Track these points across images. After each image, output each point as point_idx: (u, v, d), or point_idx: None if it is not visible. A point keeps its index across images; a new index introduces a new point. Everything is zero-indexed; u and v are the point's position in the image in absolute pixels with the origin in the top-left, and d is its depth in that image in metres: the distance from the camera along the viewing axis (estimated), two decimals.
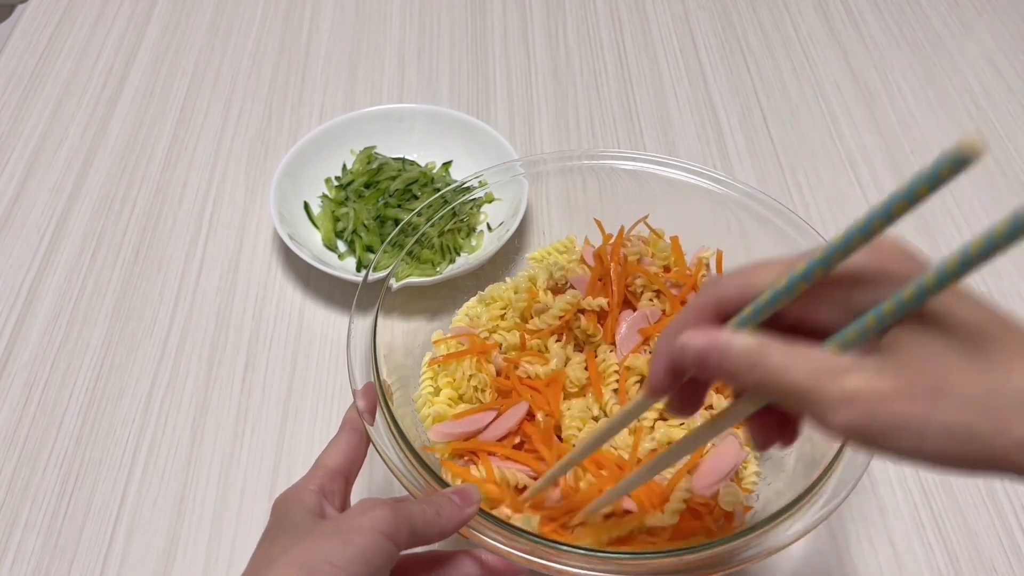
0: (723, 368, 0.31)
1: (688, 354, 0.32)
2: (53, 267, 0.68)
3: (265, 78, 0.84)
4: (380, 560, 0.36)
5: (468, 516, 0.41)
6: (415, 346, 0.56)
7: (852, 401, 0.27)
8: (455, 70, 0.86)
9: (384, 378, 0.48)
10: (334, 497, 0.41)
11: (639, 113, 0.81)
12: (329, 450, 0.43)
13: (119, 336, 0.63)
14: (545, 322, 0.55)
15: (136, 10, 0.91)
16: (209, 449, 0.57)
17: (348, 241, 0.69)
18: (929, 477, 0.57)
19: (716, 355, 0.31)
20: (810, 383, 0.28)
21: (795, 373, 0.28)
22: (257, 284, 0.67)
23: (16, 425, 0.58)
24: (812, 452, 0.47)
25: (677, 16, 0.92)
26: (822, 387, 0.28)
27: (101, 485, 0.56)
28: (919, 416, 0.27)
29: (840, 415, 0.28)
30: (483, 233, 0.68)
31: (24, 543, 0.53)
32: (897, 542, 0.54)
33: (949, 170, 0.25)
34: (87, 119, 0.79)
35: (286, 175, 0.69)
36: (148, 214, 0.72)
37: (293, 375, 0.62)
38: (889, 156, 0.78)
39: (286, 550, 0.36)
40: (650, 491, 0.47)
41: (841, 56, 0.88)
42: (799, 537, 0.41)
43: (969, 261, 0.26)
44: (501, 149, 0.70)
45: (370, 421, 0.45)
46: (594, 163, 0.59)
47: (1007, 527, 0.55)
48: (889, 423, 0.27)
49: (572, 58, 0.87)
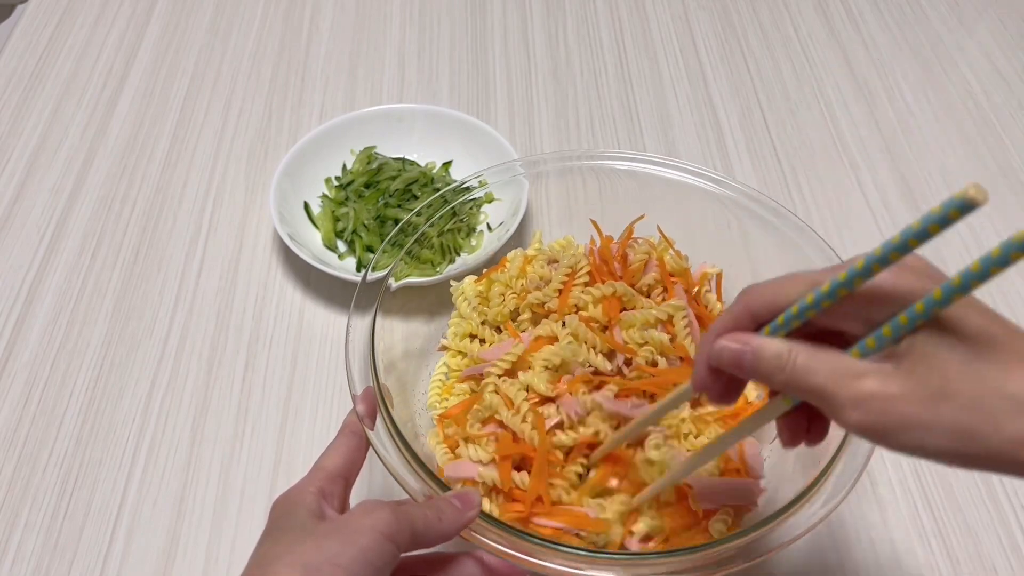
0: (756, 370, 0.34)
1: (725, 356, 0.35)
2: (53, 267, 0.68)
3: (265, 78, 0.84)
4: (381, 561, 0.37)
5: (469, 520, 0.41)
6: (414, 348, 0.56)
7: (865, 402, 0.31)
8: (455, 70, 0.86)
9: (383, 382, 0.47)
10: (333, 499, 0.41)
11: (639, 113, 0.81)
12: (328, 453, 0.43)
13: (119, 336, 0.63)
14: (547, 295, 0.54)
15: (136, 10, 0.91)
16: (209, 449, 0.57)
17: (348, 241, 0.69)
18: (929, 478, 0.57)
19: (750, 358, 0.35)
20: (830, 385, 0.32)
21: (817, 375, 0.32)
22: (257, 284, 0.67)
23: (16, 425, 0.58)
24: (812, 453, 0.47)
25: (677, 16, 0.92)
26: (839, 389, 0.32)
27: (101, 485, 0.56)
28: (923, 417, 0.30)
29: (854, 414, 0.31)
30: (483, 233, 0.68)
31: (24, 543, 0.53)
32: (897, 542, 0.54)
33: (958, 212, 0.29)
34: (87, 119, 0.79)
35: (286, 175, 0.69)
36: (148, 214, 0.72)
37: (293, 375, 0.62)
38: (889, 156, 0.78)
39: (288, 550, 0.36)
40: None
41: (841, 56, 0.88)
42: (798, 538, 0.42)
43: (970, 278, 0.30)
44: (501, 149, 0.70)
45: (370, 425, 0.45)
46: (594, 163, 0.59)
47: (1007, 527, 0.55)
48: (896, 423, 0.31)
49: (572, 58, 0.87)
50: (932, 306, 0.31)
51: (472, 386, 0.54)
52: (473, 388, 0.54)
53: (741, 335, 0.35)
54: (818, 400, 0.33)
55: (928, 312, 0.31)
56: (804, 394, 0.34)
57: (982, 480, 0.57)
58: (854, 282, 0.32)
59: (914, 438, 0.31)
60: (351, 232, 0.68)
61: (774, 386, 0.35)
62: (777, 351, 0.34)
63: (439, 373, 0.57)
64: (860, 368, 0.32)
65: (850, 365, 0.32)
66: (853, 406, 0.31)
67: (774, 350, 0.34)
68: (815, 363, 0.33)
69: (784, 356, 0.33)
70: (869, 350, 0.33)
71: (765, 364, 0.34)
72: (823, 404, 0.33)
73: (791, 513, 0.42)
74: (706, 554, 0.41)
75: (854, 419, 0.31)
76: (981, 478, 0.57)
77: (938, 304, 0.30)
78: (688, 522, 0.47)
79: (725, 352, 0.35)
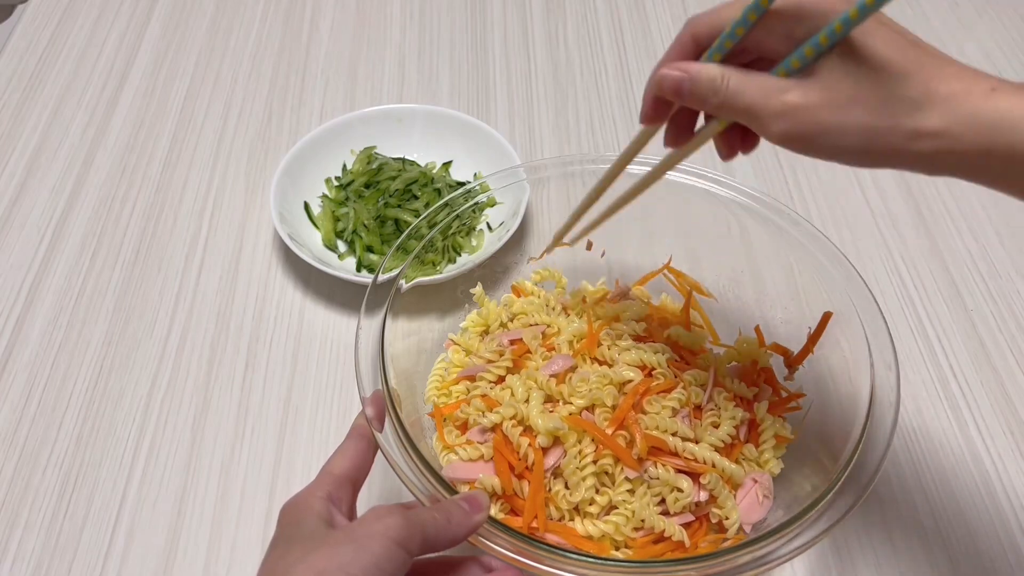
0: (693, 94, 0.38)
1: (665, 84, 0.39)
2: (53, 267, 0.68)
3: (265, 78, 0.84)
4: (393, 567, 0.37)
5: (478, 523, 0.41)
6: (422, 351, 0.56)
7: (788, 113, 0.35)
8: (455, 70, 0.86)
9: (393, 385, 0.47)
10: (342, 504, 0.41)
11: (639, 113, 0.81)
12: (336, 457, 0.43)
13: (119, 336, 0.63)
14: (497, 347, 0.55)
15: (136, 10, 0.91)
16: (209, 449, 0.57)
17: (348, 241, 0.69)
18: (929, 478, 0.57)
19: (687, 84, 0.38)
20: (758, 101, 0.36)
21: (747, 95, 0.36)
22: (257, 284, 0.67)
23: (16, 425, 0.58)
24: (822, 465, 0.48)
25: (677, 16, 0.92)
26: (766, 103, 0.36)
27: (101, 485, 0.56)
28: (838, 120, 0.35)
29: (779, 124, 0.36)
30: (483, 233, 0.68)
31: (24, 543, 0.53)
32: (897, 542, 0.54)
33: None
34: (87, 119, 0.79)
35: (286, 175, 0.69)
36: (148, 214, 0.72)
37: (293, 375, 0.62)
38: None
39: (300, 559, 0.36)
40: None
41: None
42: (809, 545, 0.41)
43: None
44: (501, 149, 0.70)
45: (379, 428, 0.44)
46: (595, 167, 0.59)
47: (1007, 527, 0.55)
48: (816, 129, 0.35)
49: (572, 58, 0.87)
50: (848, 24, 0.34)
51: (468, 386, 0.55)
52: (468, 388, 0.55)
53: (680, 64, 0.38)
54: (747, 118, 0.37)
55: (847, 29, 0.34)
56: (736, 114, 0.37)
57: (982, 480, 0.57)
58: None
59: (830, 141, 0.35)
60: (351, 232, 0.68)
61: (709, 109, 0.38)
62: (711, 75, 0.37)
63: (439, 368, 0.57)
64: (784, 84, 0.36)
65: (775, 82, 0.36)
66: (778, 116, 0.35)
67: (708, 74, 0.37)
68: (744, 84, 0.36)
69: (718, 80, 0.37)
70: (793, 69, 0.36)
71: (701, 88, 0.37)
72: (752, 121, 0.37)
73: (804, 523, 0.42)
74: (718, 561, 0.41)
75: (779, 128, 0.35)
76: (980, 478, 0.57)
77: (853, 23, 0.34)
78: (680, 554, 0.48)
79: (666, 80, 0.39)
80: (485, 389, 0.53)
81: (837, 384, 0.52)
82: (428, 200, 0.69)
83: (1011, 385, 0.62)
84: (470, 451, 0.50)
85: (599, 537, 0.47)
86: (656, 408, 0.50)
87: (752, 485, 0.50)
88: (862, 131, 0.35)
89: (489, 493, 0.48)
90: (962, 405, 0.61)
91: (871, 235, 0.72)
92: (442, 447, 0.52)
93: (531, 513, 0.47)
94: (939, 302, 0.67)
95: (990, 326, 0.65)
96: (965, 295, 0.67)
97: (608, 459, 0.48)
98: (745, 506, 0.49)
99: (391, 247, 0.66)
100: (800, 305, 0.56)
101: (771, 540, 0.42)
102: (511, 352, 0.54)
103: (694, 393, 0.51)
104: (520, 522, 0.47)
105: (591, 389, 0.50)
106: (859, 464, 0.44)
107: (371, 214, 0.68)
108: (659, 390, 0.51)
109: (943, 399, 0.61)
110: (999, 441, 0.59)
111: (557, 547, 0.41)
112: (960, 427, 0.60)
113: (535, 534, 0.47)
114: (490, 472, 0.49)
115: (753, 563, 0.41)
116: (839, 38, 0.34)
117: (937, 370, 0.63)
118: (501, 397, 0.51)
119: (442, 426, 0.52)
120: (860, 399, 0.48)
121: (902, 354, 0.63)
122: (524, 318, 0.58)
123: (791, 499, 0.49)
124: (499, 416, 0.50)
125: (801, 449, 0.52)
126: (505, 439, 0.49)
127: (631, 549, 0.48)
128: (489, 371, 0.54)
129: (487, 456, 0.50)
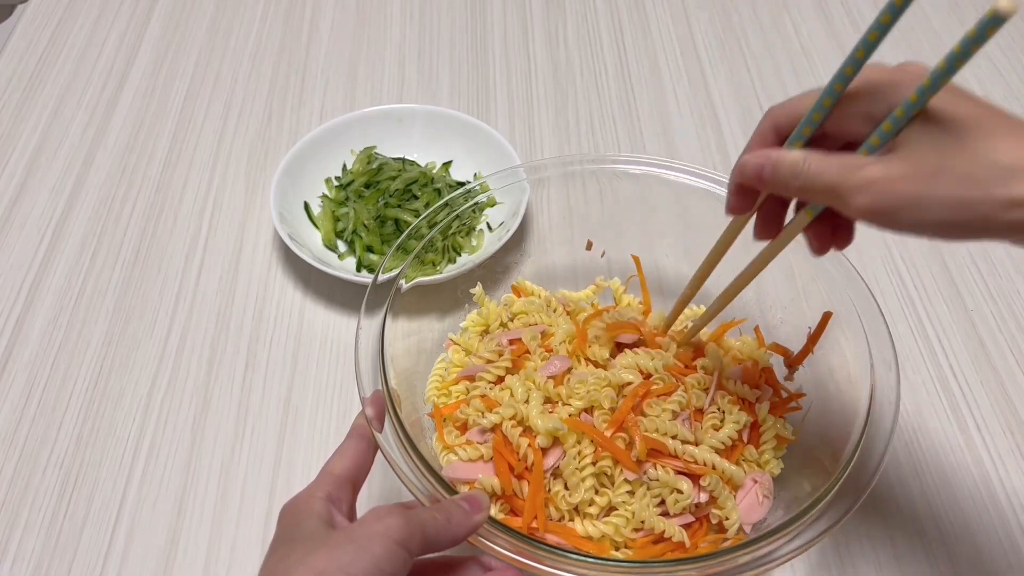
0: (776, 177, 0.38)
1: (748, 170, 0.39)
2: (53, 267, 0.68)
3: (265, 78, 0.84)
4: (394, 568, 0.37)
5: (478, 523, 0.41)
6: (422, 351, 0.56)
7: (869, 187, 0.35)
8: (455, 70, 0.86)
9: (392, 385, 0.47)
10: (342, 504, 0.41)
11: (639, 113, 0.81)
12: (336, 457, 0.43)
13: (119, 336, 0.63)
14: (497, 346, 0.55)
15: (136, 10, 0.91)
16: (209, 449, 0.57)
17: (348, 241, 0.69)
18: (929, 478, 0.57)
19: (769, 168, 0.38)
20: (839, 178, 0.36)
21: (828, 174, 0.36)
22: (257, 284, 0.67)
23: (16, 425, 0.58)
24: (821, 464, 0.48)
25: (677, 16, 0.92)
26: (847, 179, 0.35)
27: (101, 485, 0.56)
28: (923, 193, 0.33)
29: (861, 198, 0.35)
30: (483, 233, 0.68)
31: (24, 543, 0.53)
32: (897, 542, 0.54)
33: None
34: (87, 119, 0.79)
35: (286, 175, 0.69)
36: (148, 214, 0.72)
37: (293, 375, 0.62)
38: None
39: (302, 559, 0.36)
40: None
41: (841, 56, 0.87)
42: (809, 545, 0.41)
43: (954, 59, 0.33)
44: (501, 149, 0.70)
45: (379, 428, 0.44)
46: (595, 167, 0.59)
47: (1007, 527, 0.55)
48: (899, 202, 0.34)
49: (572, 58, 0.87)
50: (924, 93, 0.34)
51: (467, 386, 0.55)
52: (468, 388, 0.55)
53: (762, 151, 0.39)
54: (830, 197, 0.36)
55: (922, 100, 0.34)
56: (818, 194, 0.37)
57: (982, 480, 0.57)
58: (844, 73, 0.37)
59: (915, 214, 0.34)
60: (351, 232, 0.68)
61: (792, 192, 0.39)
62: (793, 159, 0.37)
63: (439, 368, 0.57)
64: (863, 160, 0.35)
65: (854, 159, 0.36)
66: (860, 192, 0.35)
67: (791, 158, 0.37)
68: (825, 164, 0.36)
69: (799, 163, 0.37)
70: (873, 147, 0.36)
71: (783, 171, 0.38)
72: (835, 200, 0.36)
73: (804, 523, 0.42)
74: (718, 561, 0.41)
75: (862, 202, 0.35)
76: (980, 478, 0.57)
77: (929, 90, 0.34)
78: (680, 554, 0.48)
79: (748, 166, 0.39)
80: (484, 389, 0.53)
81: (837, 384, 0.52)
82: (428, 200, 0.69)
83: (1011, 385, 0.62)
84: (470, 451, 0.50)
85: (599, 538, 0.47)
86: (656, 411, 0.50)
87: (752, 485, 0.50)
88: (950, 202, 0.33)
89: (489, 493, 0.48)
90: (962, 405, 0.61)
91: (871, 235, 0.72)
92: (442, 447, 0.52)
93: (531, 513, 0.47)
94: (939, 302, 0.67)
95: (990, 326, 0.65)
96: (965, 295, 0.67)
97: (607, 460, 0.48)
98: (745, 506, 0.49)
99: (391, 247, 0.66)
100: (800, 305, 0.56)
101: (771, 540, 0.42)
102: (510, 352, 0.54)
103: (695, 396, 0.51)
104: (520, 522, 0.47)
105: (589, 391, 0.50)
106: (859, 464, 0.44)
107: (371, 214, 0.68)
108: (659, 393, 0.51)
109: (943, 399, 0.61)
110: (999, 441, 0.59)
111: (557, 547, 0.41)
112: (960, 427, 0.60)
113: (535, 534, 0.47)
114: (490, 472, 0.49)
115: (753, 563, 0.41)
116: (915, 109, 0.34)
117: (937, 370, 0.63)
118: (501, 397, 0.51)
119: (442, 426, 0.52)
120: (860, 399, 0.48)
121: (902, 354, 0.63)
122: (524, 318, 0.58)
123: (791, 499, 0.49)
124: (499, 416, 0.50)
125: (801, 449, 0.52)
126: (505, 439, 0.49)
127: (631, 549, 0.48)
128: (488, 371, 0.54)
129: (487, 456, 0.50)
